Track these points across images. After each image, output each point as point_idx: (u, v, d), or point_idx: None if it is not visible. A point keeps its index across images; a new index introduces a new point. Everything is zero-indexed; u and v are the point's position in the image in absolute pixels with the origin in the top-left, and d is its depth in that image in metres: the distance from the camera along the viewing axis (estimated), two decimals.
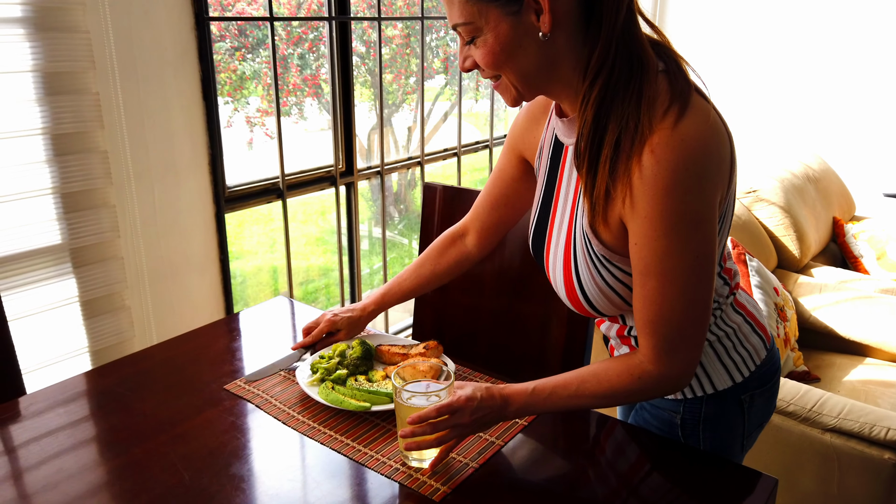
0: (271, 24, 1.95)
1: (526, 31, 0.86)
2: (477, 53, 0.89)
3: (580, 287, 0.97)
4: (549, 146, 1.04)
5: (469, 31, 0.88)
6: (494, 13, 0.85)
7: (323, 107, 5.93)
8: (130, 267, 1.72)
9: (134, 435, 1.06)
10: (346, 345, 1.24)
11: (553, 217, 1.02)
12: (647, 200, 0.83)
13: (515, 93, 0.92)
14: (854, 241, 2.81)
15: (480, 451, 1.01)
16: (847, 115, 3.34)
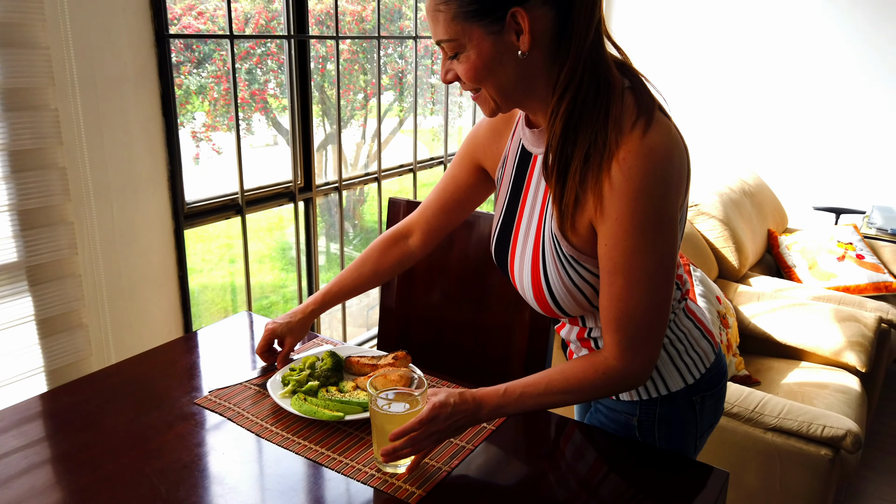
0: (231, 41, 1.97)
1: (506, 48, 0.92)
2: (459, 68, 0.95)
3: (548, 287, 1.02)
4: (515, 155, 1.10)
5: (453, 47, 0.94)
6: (478, 32, 0.91)
7: (271, 122, 5.90)
8: (88, 284, 1.70)
9: (105, 451, 1.06)
10: (315, 357, 1.26)
11: (519, 223, 1.08)
12: (618, 205, 0.90)
13: (494, 105, 0.99)
14: (787, 252, 2.98)
15: (452, 455, 1.06)
16: (780, 134, 3.55)
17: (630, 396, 1.11)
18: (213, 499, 0.96)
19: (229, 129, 5.45)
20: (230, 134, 5.70)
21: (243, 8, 4.75)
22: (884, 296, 2.78)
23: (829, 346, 2.24)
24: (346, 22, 4.69)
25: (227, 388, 1.24)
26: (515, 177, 1.10)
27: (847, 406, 1.99)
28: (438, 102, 5.47)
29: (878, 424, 2.77)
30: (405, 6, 5.67)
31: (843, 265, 2.83)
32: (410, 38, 2.75)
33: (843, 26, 3.29)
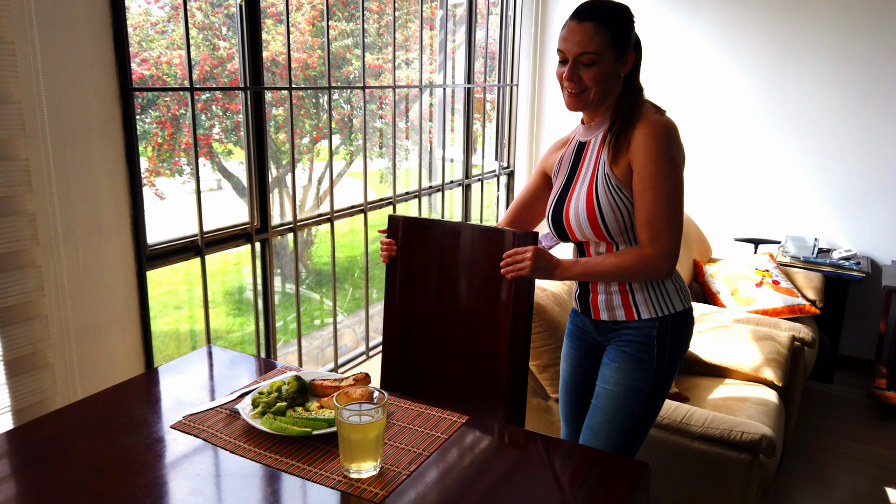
0: (191, 94, 2.09)
1: (616, 69, 1.52)
2: (589, 73, 1.49)
3: (600, 212, 1.51)
4: (572, 153, 1.64)
5: (593, 59, 1.48)
6: (611, 55, 1.49)
7: (216, 166, 5.97)
8: (54, 325, 1.77)
9: (89, 472, 1.15)
10: (282, 381, 1.38)
11: (575, 183, 1.58)
12: (645, 148, 1.46)
13: (587, 101, 1.52)
14: (712, 280, 3.24)
15: (410, 461, 1.19)
16: (703, 172, 3.85)
17: (651, 314, 1.54)
18: (200, 502, 1.06)
19: (173, 175, 5.52)
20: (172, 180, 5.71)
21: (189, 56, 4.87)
22: (798, 317, 3.05)
23: (748, 364, 2.46)
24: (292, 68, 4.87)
25: (200, 413, 1.34)
26: (574, 162, 1.62)
27: (766, 416, 2.19)
28: (386, 146, 5.65)
29: (799, 437, 3.01)
30: (349, 54, 5.89)
31: (761, 290, 3.09)
32: (359, 88, 2.93)
33: (752, 76, 3.64)
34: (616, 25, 1.49)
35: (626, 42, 1.52)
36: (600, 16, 1.48)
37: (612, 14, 1.50)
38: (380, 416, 1.13)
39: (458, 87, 3.69)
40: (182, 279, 5.72)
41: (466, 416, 1.34)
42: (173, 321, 5.22)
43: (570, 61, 1.50)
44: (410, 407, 1.38)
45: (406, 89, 3.93)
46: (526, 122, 4.20)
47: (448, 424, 1.31)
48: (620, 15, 1.51)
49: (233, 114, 6.12)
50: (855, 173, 3.51)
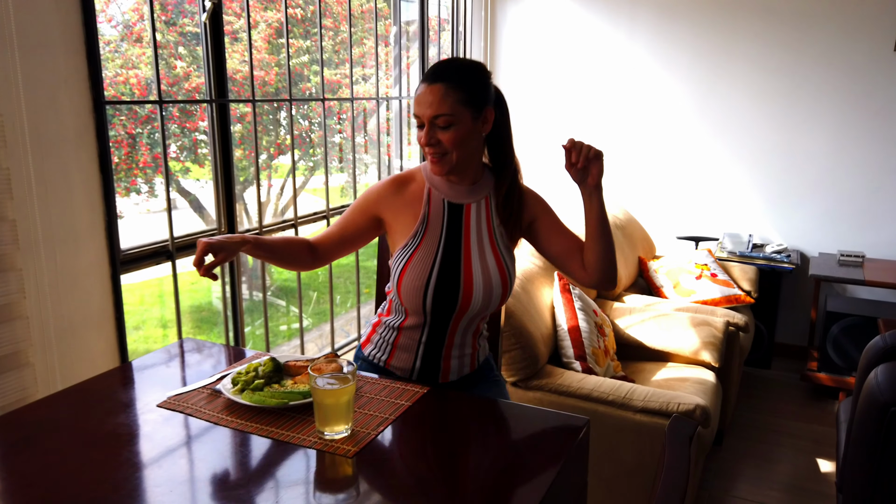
0: (160, 106, 2.22)
1: (476, 129, 1.50)
2: (446, 135, 1.46)
3: (510, 279, 1.59)
4: (443, 211, 1.57)
5: (448, 121, 1.45)
6: (468, 115, 1.47)
7: (174, 185, 6.01)
8: (35, 326, 1.87)
9: (83, 444, 1.26)
10: (258, 363, 1.51)
11: (467, 254, 1.56)
12: (543, 201, 1.66)
13: (452, 164, 1.49)
14: (655, 275, 3.46)
15: (377, 425, 1.33)
16: (646, 175, 4.10)
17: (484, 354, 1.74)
18: (189, 466, 1.19)
19: (128, 194, 5.56)
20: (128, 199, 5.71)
21: (144, 74, 4.95)
22: (736, 307, 3.29)
23: (688, 347, 2.67)
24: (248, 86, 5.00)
25: (185, 393, 1.46)
26: (450, 226, 1.57)
27: (703, 393, 2.40)
28: (345, 160, 5.80)
29: (741, 418, 3.24)
30: (306, 70, 6.03)
31: (700, 283, 3.33)
32: (319, 100, 3.07)
33: (687, 86, 3.91)
34: (469, 84, 1.46)
35: (483, 100, 1.48)
36: (451, 76, 1.45)
37: (464, 73, 1.47)
38: (351, 383, 1.27)
39: None
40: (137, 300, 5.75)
41: (428, 388, 1.50)
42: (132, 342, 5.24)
43: (427, 125, 1.46)
44: (377, 382, 1.53)
45: (364, 102, 4.10)
46: None
47: (411, 394, 1.46)
48: (473, 72, 1.49)
49: (190, 132, 6.18)
50: (783, 173, 3.80)
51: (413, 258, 1.54)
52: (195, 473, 1.18)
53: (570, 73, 4.18)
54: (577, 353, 2.38)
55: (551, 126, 4.29)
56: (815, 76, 3.63)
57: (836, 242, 3.75)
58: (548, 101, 4.28)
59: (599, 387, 2.18)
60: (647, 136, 4.06)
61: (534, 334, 2.28)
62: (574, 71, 4.17)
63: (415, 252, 1.54)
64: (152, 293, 5.69)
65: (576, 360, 2.37)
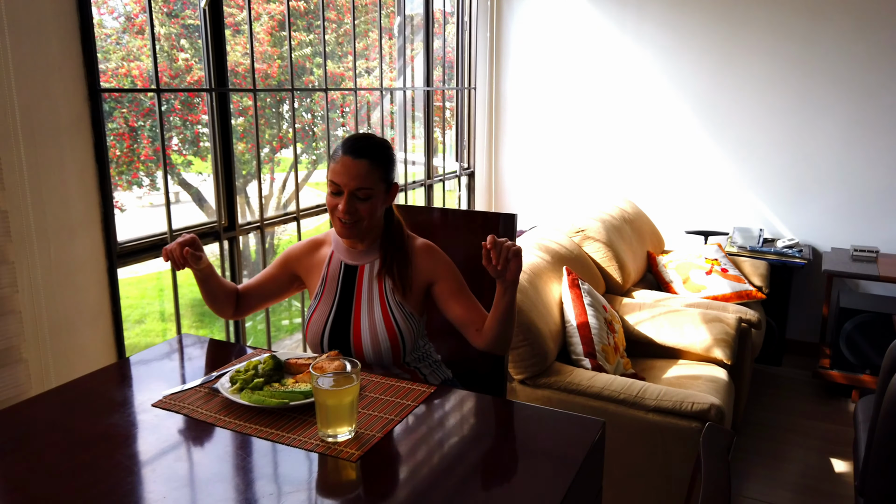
0: (158, 94, 2.15)
1: (384, 201, 1.62)
2: (364, 206, 1.56)
3: (402, 338, 1.61)
4: (339, 272, 1.68)
5: (368, 193, 1.55)
6: (382, 188, 1.59)
7: (176, 178, 5.96)
8: (28, 321, 1.81)
9: (75, 446, 1.20)
10: (258, 360, 1.45)
11: (357, 312, 1.64)
12: (440, 263, 1.64)
13: (361, 231, 1.59)
14: (665, 270, 3.39)
15: (382, 427, 1.27)
16: (655, 168, 4.03)
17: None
18: (183, 471, 1.13)
19: (130, 188, 5.49)
20: (130, 192, 5.64)
21: (146, 66, 4.88)
22: (746, 302, 3.22)
23: (699, 344, 2.61)
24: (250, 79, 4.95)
25: (181, 392, 1.40)
26: (344, 285, 1.67)
27: (715, 391, 2.33)
28: None
29: (752, 416, 3.17)
30: (309, 63, 5.95)
31: (711, 278, 3.26)
32: (321, 90, 3.00)
33: (697, 80, 3.83)
34: (386, 163, 1.60)
35: (393, 175, 1.64)
36: (374, 153, 1.57)
37: (383, 151, 1.60)
38: (354, 382, 1.21)
39: (418, 91, 3.80)
40: (140, 294, 5.69)
41: (434, 387, 1.43)
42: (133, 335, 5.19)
43: (346, 194, 1.55)
44: (381, 381, 1.47)
45: (367, 94, 4.03)
46: (484, 124, 4.33)
47: (417, 394, 1.40)
48: (388, 151, 1.62)
49: (192, 124, 6.12)
50: (795, 166, 3.72)
51: (313, 315, 1.69)
52: (191, 477, 1.12)
53: (578, 65, 4.11)
54: (586, 350, 2.32)
55: (559, 120, 4.22)
56: (828, 68, 3.55)
57: (850, 237, 3.67)
58: (555, 93, 4.20)
59: (610, 385, 2.11)
60: (655, 129, 3.99)
61: (542, 330, 2.22)
62: (581, 63, 4.09)
63: (315, 309, 1.69)
64: (155, 286, 5.63)
65: (585, 357, 2.31)
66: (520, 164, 4.40)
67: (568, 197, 4.26)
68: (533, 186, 4.39)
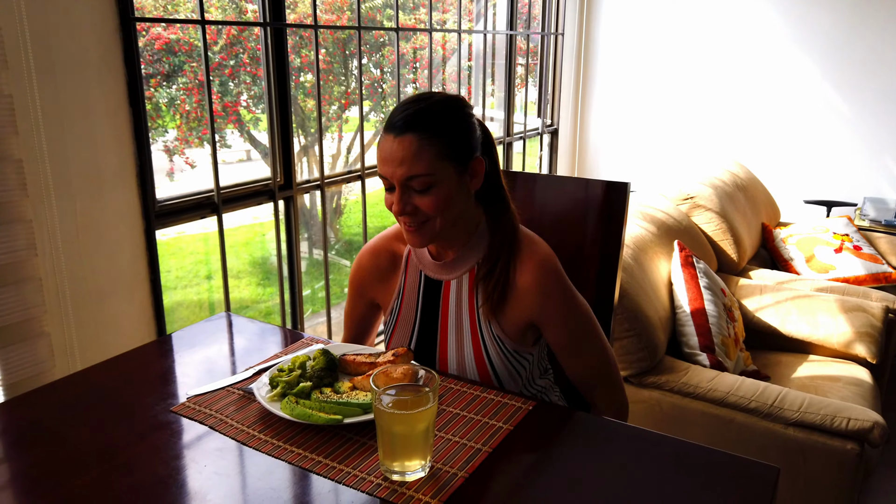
0: (203, 27, 1.83)
1: (462, 186, 1.14)
2: (425, 200, 1.11)
3: (497, 378, 1.21)
4: (419, 291, 1.26)
5: (427, 182, 1.10)
6: (451, 170, 1.11)
7: (246, 136, 5.76)
8: (50, 289, 1.55)
9: (67, 467, 0.91)
10: (306, 356, 1.13)
11: (444, 335, 1.23)
12: (552, 298, 1.17)
13: (435, 233, 1.14)
14: (783, 246, 2.91)
15: (467, 460, 0.93)
16: (769, 127, 3.50)
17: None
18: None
19: (201, 144, 5.30)
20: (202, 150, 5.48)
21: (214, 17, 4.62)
22: (882, 287, 2.72)
23: (837, 338, 2.16)
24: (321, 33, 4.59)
25: (208, 394, 1.10)
26: (425, 304, 1.25)
27: (862, 398, 1.90)
28: None
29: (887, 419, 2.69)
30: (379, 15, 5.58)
31: (841, 257, 2.76)
32: (392, 31, 2.64)
33: (819, 30, 3.25)
34: (448, 131, 1.11)
35: (468, 148, 1.14)
36: (424, 123, 1.09)
37: (441, 117, 1.11)
38: (430, 404, 0.87)
39: (500, 35, 3.37)
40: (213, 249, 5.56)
41: (534, 402, 1.08)
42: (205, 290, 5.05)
43: (398, 188, 1.11)
44: (464, 389, 1.12)
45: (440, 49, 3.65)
46: (571, 75, 3.87)
47: (511, 411, 1.05)
48: (452, 112, 1.13)
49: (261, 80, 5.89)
50: None
51: (392, 337, 1.31)
52: None
53: (682, 7, 3.58)
54: (702, 342, 1.91)
55: (658, 71, 3.72)
56: None
57: None
58: (655, 40, 3.69)
59: (738, 389, 1.71)
60: (769, 82, 3.44)
61: (651, 318, 1.83)
62: (686, 5, 3.56)
63: (393, 331, 1.30)
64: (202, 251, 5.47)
65: (701, 351, 1.91)
66: (610, 122, 3.93)
67: (667, 160, 3.78)
68: (624, 147, 3.92)
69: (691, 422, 1.73)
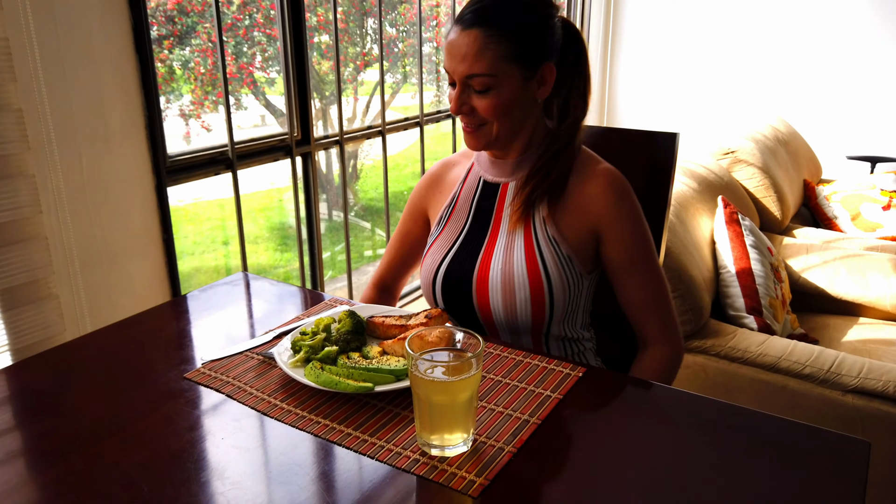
0: None
1: (527, 94, 1.08)
2: (483, 102, 1.05)
3: (549, 286, 1.09)
4: (474, 192, 1.19)
5: (487, 83, 1.04)
6: (515, 74, 1.04)
7: (261, 99, 5.62)
8: (56, 248, 1.46)
9: (71, 440, 0.83)
10: (331, 318, 1.03)
11: (490, 247, 1.14)
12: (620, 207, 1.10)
13: (490, 140, 1.09)
14: (827, 203, 2.76)
15: (514, 433, 0.83)
16: (810, 80, 3.30)
17: None
18: (210, 497, 0.73)
19: (216, 109, 5.19)
20: (217, 115, 5.36)
21: None
22: None
23: (891, 300, 2.02)
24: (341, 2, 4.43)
25: (225, 359, 1.00)
26: (479, 209, 1.18)
27: None
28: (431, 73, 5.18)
29: None
30: None
31: (890, 214, 2.61)
32: None
33: None
34: (520, 29, 1.03)
35: (541, 52, 1.05)
36: (494, 18, 1.02)
37: (513, 11, 1.03)
38: (474, 371, 0.76)
39: None
40: (229, 215, 5.49)
41: (583, 368, 0.97)
42: (222, 256, 4.99)
43: (458, 85, 1.06)
44: (504, 353, 1.02)
45: None
46: (600, 16, 3.68)
47: (560, 378, 0.95)
48: (526, 9, 1.04)
49: (275, 40, 5.73)
50: None
51: (431, 247, 1.22)
52: (224, 501, 0.72)
53: None
54: (749, 304, 1.79)
55: (691, 15, 3.52)
56: None
57: None
58: None
59: (790, 353, 1.60)
60: (809, 35, 3.24)
61: (696, 279, 1.71)
62: None
63: (435, 240, 1.22)
64: (217, 216, 5.40)
65: (748, 313, 1.79)
66: (640, 69, 3.74)
67: (700, 113, 3.60)
68: (655, 97, 3.74)
69: (739, 388, 1.62)
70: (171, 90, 4.73)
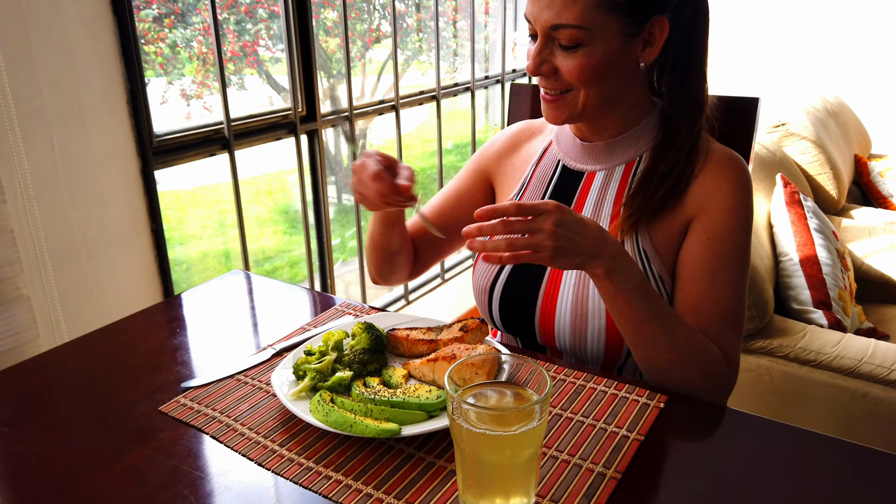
0: None
1: (628, 55, 0.84)
2: (570, 63, 0.83)
3: None
4: (548, 179, 0.98)
5: (577, 37, 0.81)
6: (615, 28, 0.82)
7: (265, 78, 5.41)
8: (25, 242, 1.26)
9: (13, 497, 0.63)
10: (343, 332, 0.82)
11: None
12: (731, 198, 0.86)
13: (577, 111, 0.87)
14: (881, 180, 2.52)
15: (588, 492, 0.62)
16: (860, 50, 3.04)
17: None
18: None
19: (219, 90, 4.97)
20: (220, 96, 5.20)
21: None
22: None
23: None
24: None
25: (211, 385, 0.80)
26: (553, 199, 0.85)
27: None
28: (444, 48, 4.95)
29: None
30: None
31: None
32: None
33: None
34: None
35: (648, 3, 0.82)
36: None
37: None
38: (538, 421, 0.56)
39: None
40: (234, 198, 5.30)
41: (664, 395, 0.77)
42: (222, 243, 4.81)
43: (540, 37, 0.84)
44: (559, 375, 0.81)
45: None
46: None
47: (636, 410, 0.74)
48: None
49: (278, 16, 5.50)
50: None
51: None
52: None
53: None
54: (816, 297, 1.58)
55: None
56: None
57: None
58: None
59: (872, 355, 1.39)
60: (860, 4, 2.97)
61: (758, 268, 1.49)
62: None
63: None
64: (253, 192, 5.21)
65: (816, 307, 1.57)
66: None
67: (764, 81, 3.33)
68: None
69: (811, 395, 1.42)
70: (174, 70, 4.54)
